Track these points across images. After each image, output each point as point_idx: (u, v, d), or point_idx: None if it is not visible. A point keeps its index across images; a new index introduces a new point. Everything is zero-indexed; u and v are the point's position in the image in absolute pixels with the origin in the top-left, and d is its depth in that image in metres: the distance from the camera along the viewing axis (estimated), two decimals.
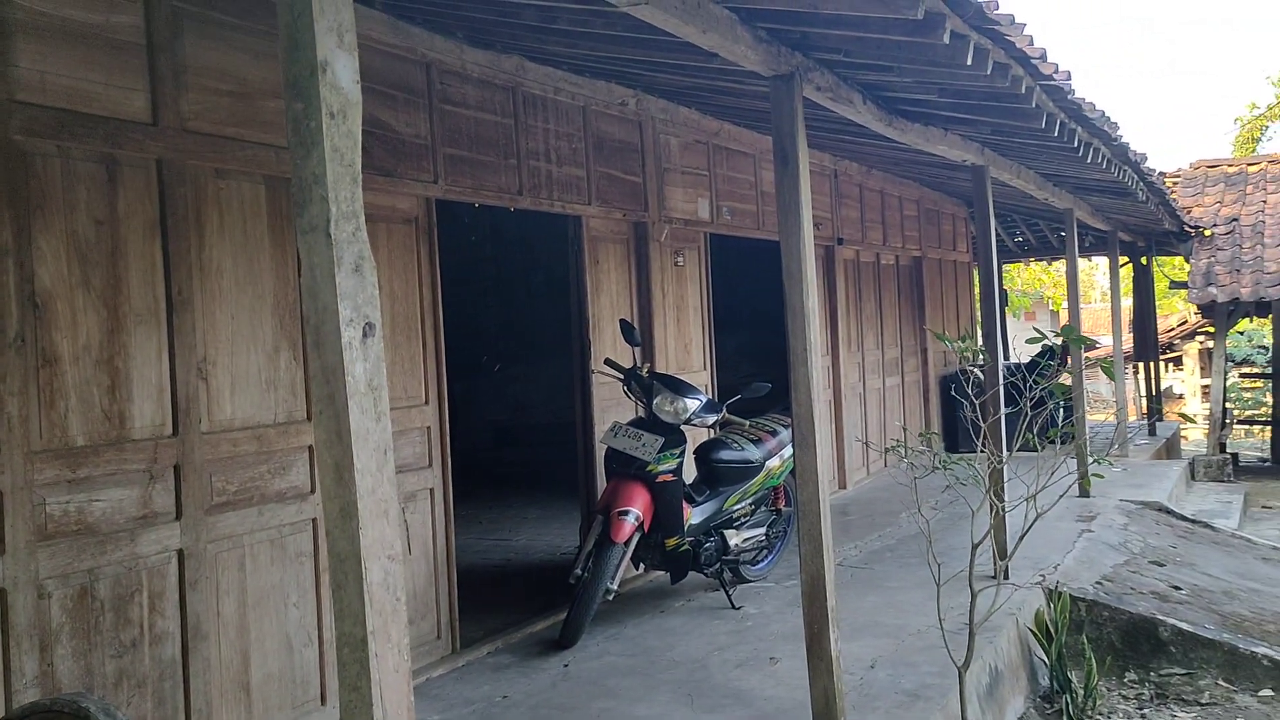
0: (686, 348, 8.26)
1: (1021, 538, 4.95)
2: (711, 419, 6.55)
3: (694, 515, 6.48)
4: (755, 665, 5.54)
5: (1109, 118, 6.89)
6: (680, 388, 6.43)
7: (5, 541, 3.75)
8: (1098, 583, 7.24)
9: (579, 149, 7.09)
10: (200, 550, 4.43)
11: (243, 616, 4.62)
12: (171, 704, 4.29)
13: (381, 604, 2.09)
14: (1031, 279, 32.90)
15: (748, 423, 7.16)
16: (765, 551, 7.23)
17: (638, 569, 6.84)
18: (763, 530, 7.02)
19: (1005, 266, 20.33)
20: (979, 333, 14.20)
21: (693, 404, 6.37)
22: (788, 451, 7.05)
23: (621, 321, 6.64)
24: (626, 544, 6.07)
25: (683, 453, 6.32)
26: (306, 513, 4.95)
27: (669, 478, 6.19)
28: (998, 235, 16.60)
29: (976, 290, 22.27)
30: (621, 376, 6.54)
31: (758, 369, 11.11)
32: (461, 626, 6.06)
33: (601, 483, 6.65)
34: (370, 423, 2.14)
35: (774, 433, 7.04)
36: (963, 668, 4.53)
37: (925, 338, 13.23)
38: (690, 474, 6.98)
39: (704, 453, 6.82)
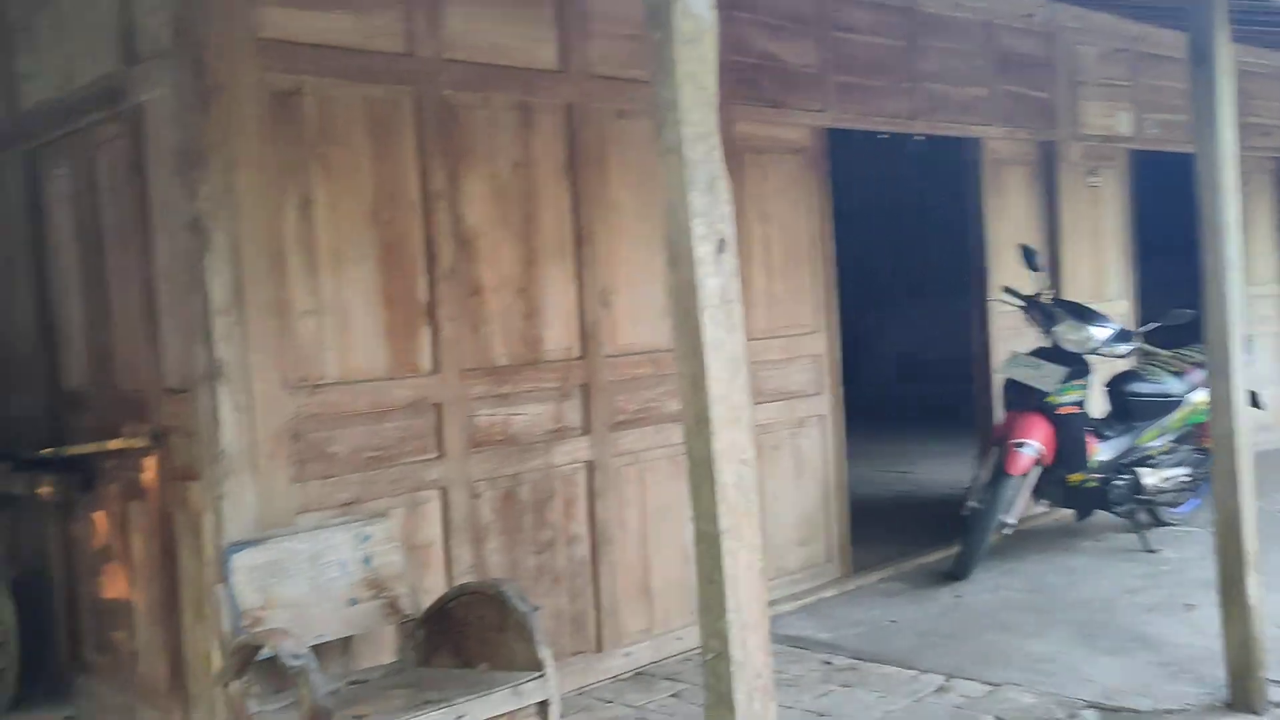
0: (1100, 276, 7.70)
1: None
2: (1122, 349, 6.10)
3: (1101, 451, 6.10)
4: (1168, 610, 5.17)
5: None
6: (1086, 315, 6.05)
7: (444, 447, 4.34)
8: None
9: (979, 67, 6.79)
10: (606, 463, 4.84)
11: (644, 526, 5.00)
12: (583, 599, 4.77)
13: (734, 504, 2.23)
14: None
15: (1169, 353, 6.59)
16: (1188, 493, 6.65)
17: (1039, 505, 6.56)
18: (1185, 470, 6.46)
19: None
20: None
21: (1100, 332, 5.97)
22: None
23: (1021, 246, 6.34)
24: (1023, 477, 5.85)
25: (1087, 384, 5.96)
26: None
27: (1071, 410, 5.87)
28: None
29: None
30: (1022, 304, 6.26)
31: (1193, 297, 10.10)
32: (853, 553, 6.15)
33: (1000, 415, 6.42)
34: (723, 334, 2.26)
35: (1200, 365, 6.42)
36: None
37: None
38: (1102, 408, 6.57)
39: (1116, 385, 6.38)
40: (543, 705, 3.46)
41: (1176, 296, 10.81)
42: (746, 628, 2.28)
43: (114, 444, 4.33)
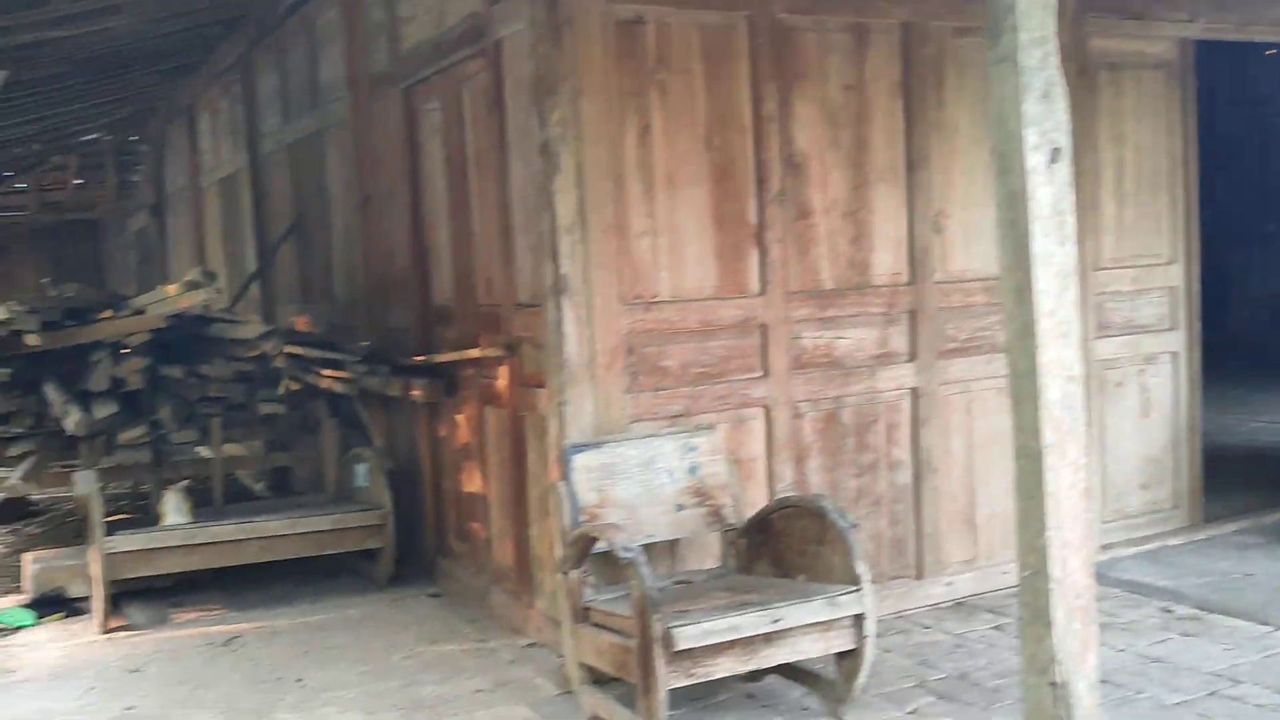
0: None
1: None
2: None
3: None
4: None
5: None
6: None
7: (769, 367, 4.46)
8: None
9: None
10: (931, 390, 4.79)
11: (969, 456, 4.91)
12: (904, 525, 4.77)
13: (1059, 421, 2.17)
14: None
15: None
16: None
17: None
18: None
19: None
20: None
21: None
22: None
23: None
24: None
25: None
26: None
27: None
28: None
29: None
30: None
31: None
32: (1205, 502, 5.73)
33: None
34: (1054, 246, 2.20)
35: None
36: None
37: None
38: None
39: None
40: (858, 619, 3.53)
41: None
42: (1067, 546, 2.23)
43: (473, 353, 4.80)
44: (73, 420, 4.99)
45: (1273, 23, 5.63)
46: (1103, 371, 5.29)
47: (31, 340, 5.07)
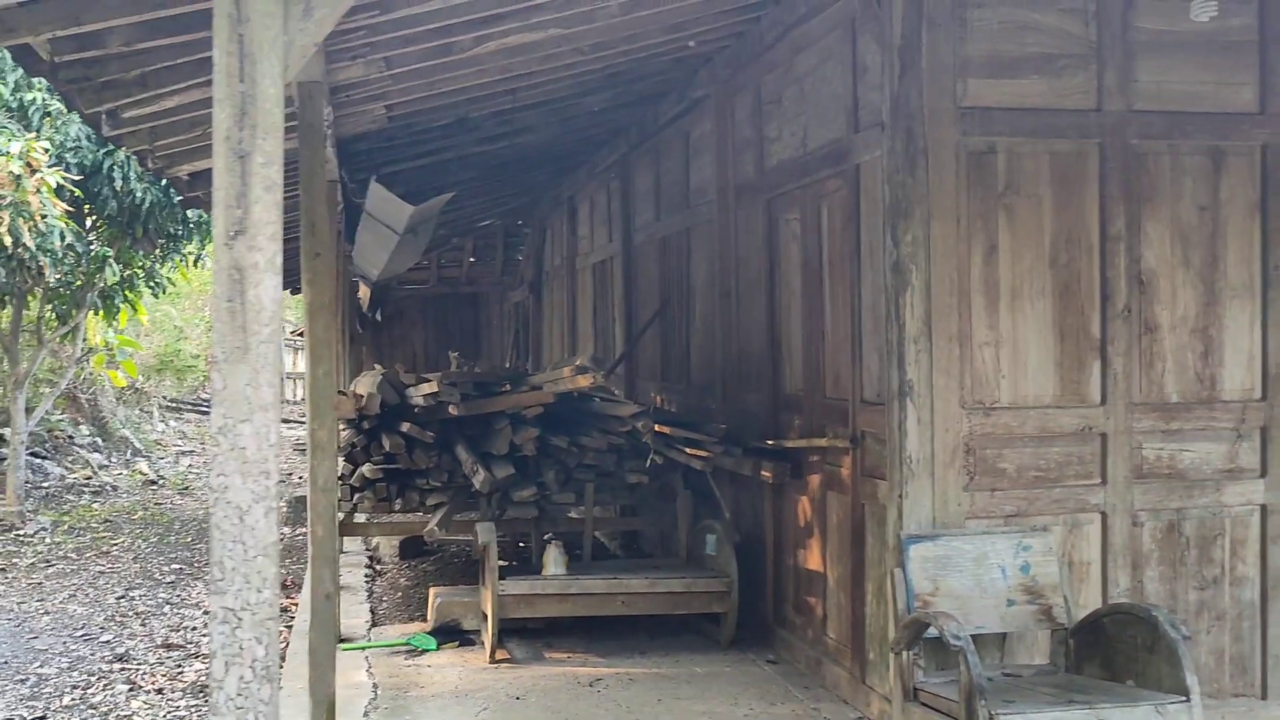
0: None
1: None
2: None
3: None
4: None
5: None
6: None
7: (1107, 474, 4.62)
8: None
9: None
10: None
11: None
12: (1248, 642, 4.72)
13: None
14: None
15: None
16: None
17: None
18: None
19: None
20: None
21: None
22: None
23: None
24: None
25: None
26: None
27: None
28: None
29: None
30: None
31: None
32: None
33: None
34: None
35: None
36: None
37: None
38: None
39: None
40: None
41: None
42: None
43: (820, 441, 5.28)
44: (479, 479, 5.94)
45: None
46: None
47: (453, 410, 6.10)
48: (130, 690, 6.13)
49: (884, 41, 4.60)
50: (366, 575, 8.08)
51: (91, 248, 10.85)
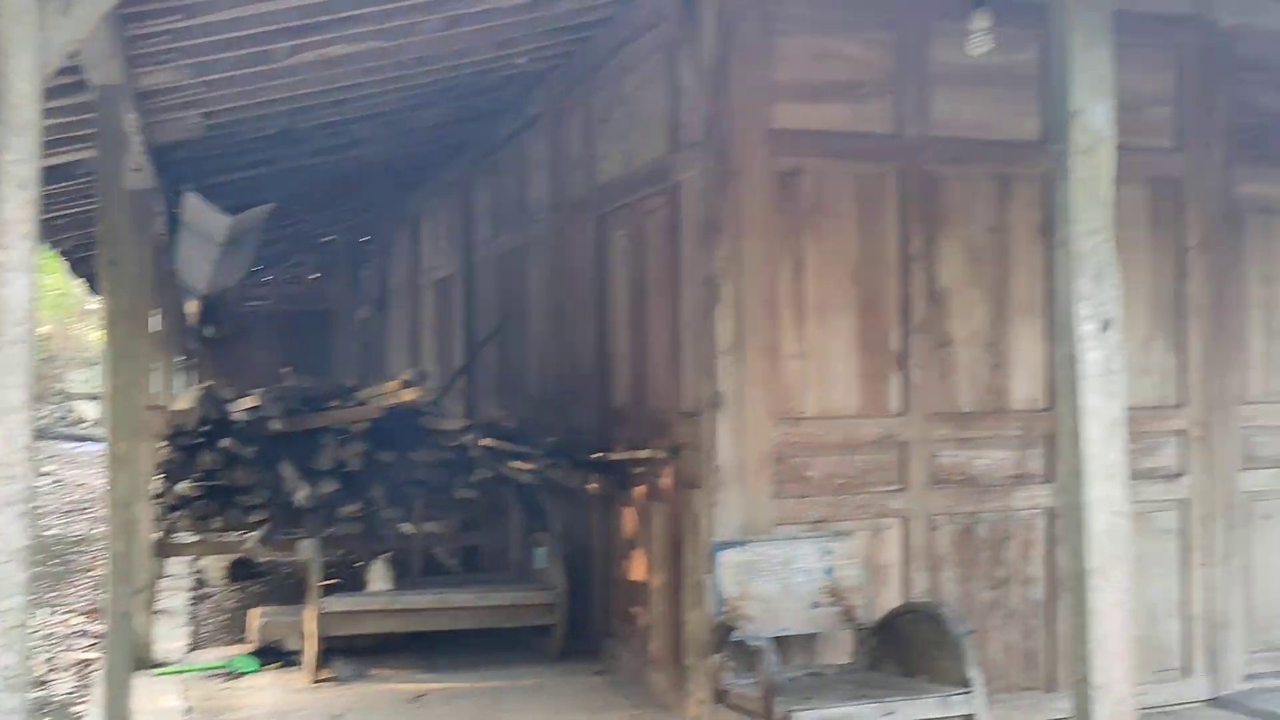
0: None
1: None
2: None
3: None
4: None
5: None
6: None
7: (907, 481, 4.86)
8: None
9: None
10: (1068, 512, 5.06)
11: None
12: (1035, 638, 5.02)
13: (1103, 548, 2.54)
14: None
15: None
16: None
17: None
18: None
19: None
20: None
21: None
22: None
23: None
24: None
25: None
26: (1174, 493, 5.25)
27: None
28: None
29: None
30: None
31: None
32: None
33: None
34: (1100, 400, 2.60)
35: None
36: None
37: None
38: None
39: None
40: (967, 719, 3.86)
41: None
42: (1110, 657, 2.58)
43: (643, 453, 5.40)
44: (302, 494, 5.86)
45: None
46: (1250, 504, 5.43)
47: (275, 425, 6.01)
48: None
49: (698, 65, 4.77)
50: (191, 598, 7.84)
51: None
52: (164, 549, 6.65)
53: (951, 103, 4.94)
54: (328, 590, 5.85)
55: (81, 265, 9.91)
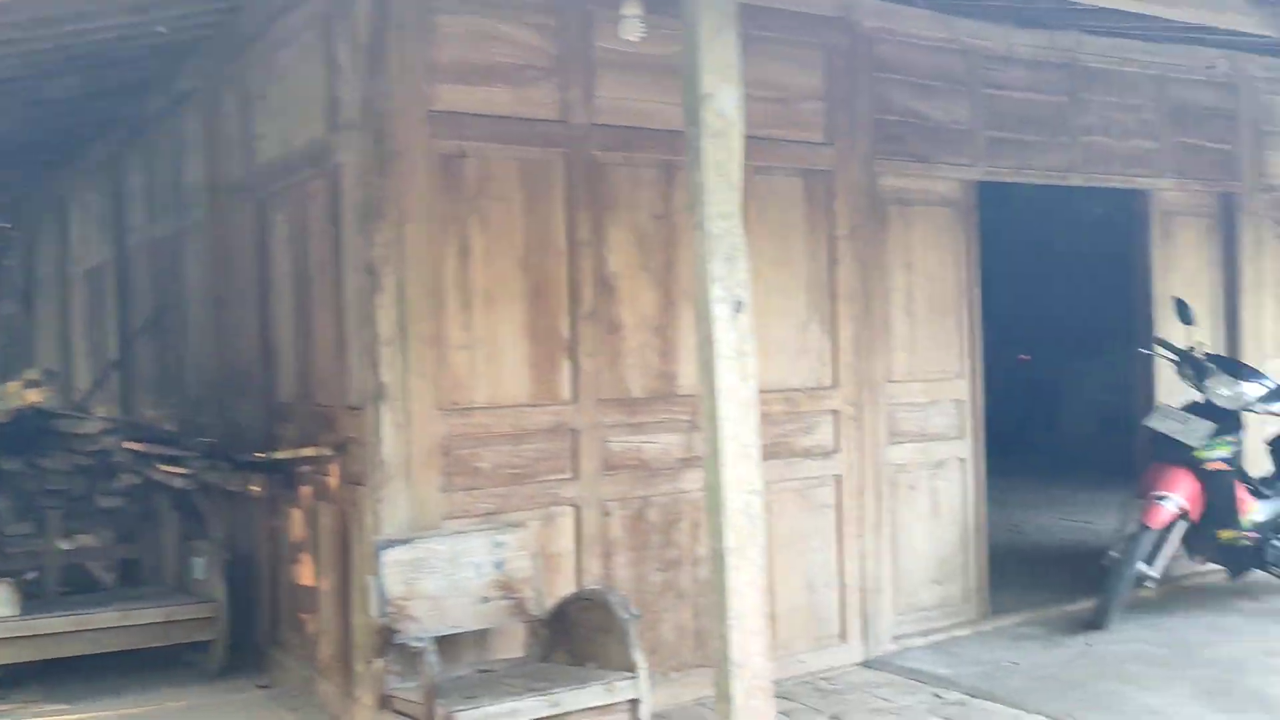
0: None
1: None
2: (1278, 407, 5.96)
3: (1258, 509, 5.97)
4: None
5: None
6: (1240, 371, 5.96)
7: (579, 468, 4.85)
8: None
9: (1148, 120, 6.79)
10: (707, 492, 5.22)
11: (769, 554, 5.22)
12: (706, 617, 5.14)
13: (740, 527, 2.59)
14: None
15: None
16: None
17: (1193, 561, 6.44)
18: None
19: None
20: None
21: (1253, 389, 5.88)
22: None
23: (1175, 299, 6.30)
24: (1164, 530, 5.82)
25: (1239, 441, 5.87)
26: (830, 469, 5.54)
27: (1220, 466, 5.80)
28: None
29: None
30: (1175, 357, 6.22)
31: None
32: (998, 596, 6.26)
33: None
34: (736, 381, 2.65)
35: None
36: None
37: None
38: (1265, 467, 6.41)
39: (1278, 443, 6.22)
40: (633, 703, 3.88)
41: None
42: (747, 634, 2.64)
43: (308, 451, 5.09)
44: None
45: (1045, 168, 6.36)
46: (895, 475, 5.82)
47: None
48: None
49: (354, 41, 4.53)
50: None
51: None
52: None
53: (617, 90, 4.96)
54: None
55: None
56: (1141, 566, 5.81)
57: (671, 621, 5.05)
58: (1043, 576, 6.99)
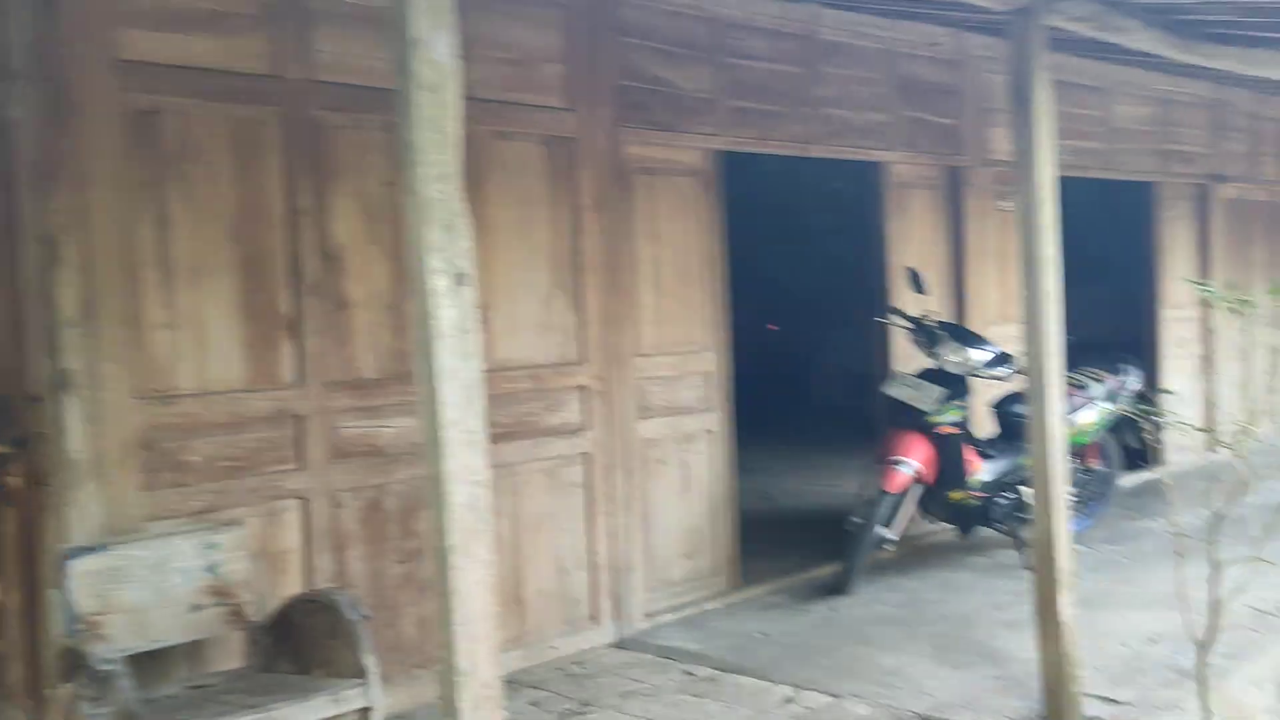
0: (1008, 298, 7.84)
1: None
2: (1003, 372, 6.25)
3: (984, 470, 6.25)
4: (1025, 626, 5.27)
5: None
6: (968, 338, 6.20)
7: (306, 458, 4.46)
8: None
9: (881, 93, 6.95)
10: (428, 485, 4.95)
11: (517, 537, 5.12)
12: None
13: (465, 523, 2.35)
14: None
15: None
16: (1077, 512, 6.80)
17: (928, 522, 6.71)
18: (1071, 489, 6.60)
19: None
20: None
21: (979, 355, 6.13)
22: (1102, 407, 6.59)
23: (908, 269, 6.50)
24: (901, 494, 5.99)
25: (967, 405, 6.12)
26: (579, 447, 5.37)
27: (950, 430, 6.02)
28: None
29: None
30: (909, 326, 6.41)
31: (1119, 322, 10.27)
32: (750, 566, 6.30)
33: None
34: (457, 362, 2.39)
35: (1083, 387, 6.59)
36: (1202, 644, 4.11)
37: None
38: (990, 429, 6.73)
39: (1002, 406, 6.54)
40: (364, 712, 3.57)
41: (1104, 319, 11.00)
42: (474, 640, 2.40)
43: None
44: None
45: (786, 139, 6.40)
46: (645, 450, 5.71)
47: None
48: None
49: None
50: None
51: None
52: None
53: (339, 45, 4.56)
54: None
55: None
56: (881, 530, 5.96)
57: (414, 616, 4.74)
58: (793, 544, 7.08)
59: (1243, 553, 4.18)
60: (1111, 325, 10.49)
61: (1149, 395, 7.15)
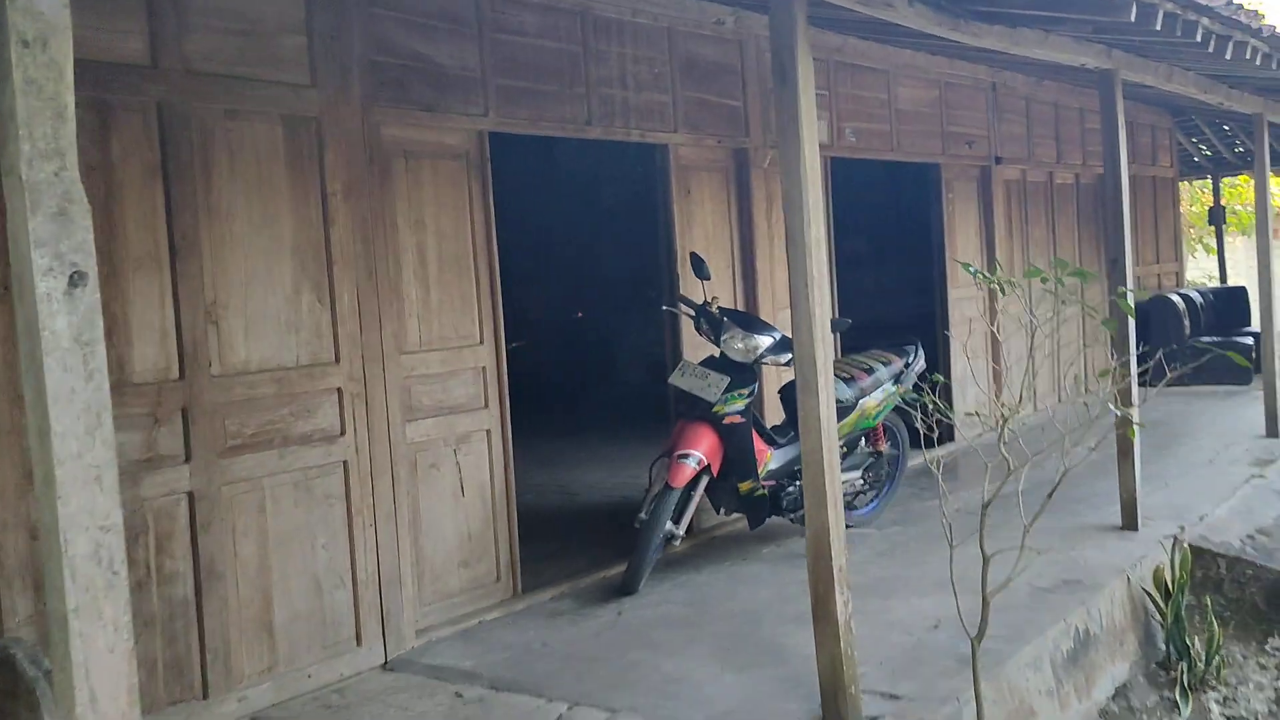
0: None
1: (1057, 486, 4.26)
2: (786, 357, 6.11)
3: (773, 458, 6.11)
4: (810, 619, 5.16)
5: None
6: (752, 324, 6.04)
7: (2, 485, 3.87)
8: (1249, 536, 6.40)
9: (663, 74, 6.71)
10: (213, 493, 4.46)
11: (264, 557, 4.64)
12: (184, 642, 4.37)
13: (89, 579, 1.93)
14: None
15: (838, 360, 6.67)
16: (867, 496, 6.77)
17: (718, 513, 6.54)
18: (858, 473, 6.56)
19: (1231, 181, 18.30)
20: (1119, 257, 12.88)
21: (764, 341, 5.97)
22: (888, 390, 6.55)
23: (691, 254, 6.29)
24: (690, 488, 5.79)
25: (753, 393, 5.95)
26: (336, 455, 4.92)
27: (736, 419, 5.84)
28: (1213, 146, 14.93)
29: (1200, 208, 20.24)
30: (693, 313, 6.20)
31: (911, 303, 10.43)
32: (539, 569, 5.98)
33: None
34: (77, 382, 1.96)
35: (870, 370, 6.53)
36: (976, 638, 4.03)
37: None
38: (779, 416, 6.61)
39: (788, 393, 6.41)
40: None
41: (896, 301, 11.17)
42: (108, 718, 1.98)
43: None
44: None
45: (561, 120, 6.07)
46: (415, 454, 5.31)
47: None
48: None
49: None
50: None
51: None
52: None
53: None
54: None
55: None
56: (669, 526, 5.74)
57: (141, 653, 4.19)
58: (587, 542, 6.80)
59: (1017, 536, 4.11)
60: (904, 306, 10.69)
61: (928, 377, 7.18)
